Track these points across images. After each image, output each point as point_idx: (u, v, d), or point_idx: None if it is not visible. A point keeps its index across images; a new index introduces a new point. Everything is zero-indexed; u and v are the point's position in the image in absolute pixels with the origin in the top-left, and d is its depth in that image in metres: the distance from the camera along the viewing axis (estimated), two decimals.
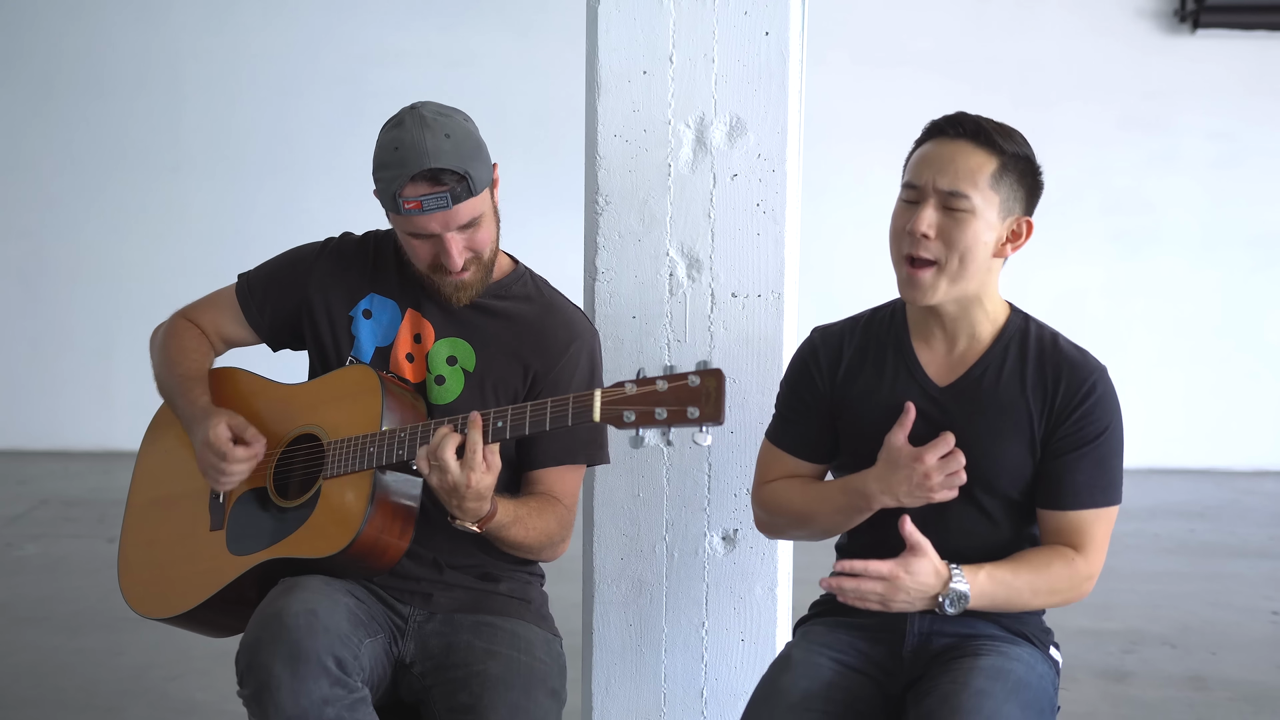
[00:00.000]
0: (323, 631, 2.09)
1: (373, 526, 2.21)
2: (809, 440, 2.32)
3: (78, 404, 7.46)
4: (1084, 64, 7.28)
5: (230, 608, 2.34)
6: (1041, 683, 2.17)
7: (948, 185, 2.11)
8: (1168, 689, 4.07)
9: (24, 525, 5.84)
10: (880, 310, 2.33)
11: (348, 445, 2.24)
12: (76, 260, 7.46)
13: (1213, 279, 7.41)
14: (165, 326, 2.59)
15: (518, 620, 2.38)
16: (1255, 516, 6.44)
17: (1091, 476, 2.17)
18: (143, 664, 4.08)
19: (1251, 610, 4.89)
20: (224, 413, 2.38)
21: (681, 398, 1.99)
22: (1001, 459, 2.18)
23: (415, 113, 2.28)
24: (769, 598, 2.68)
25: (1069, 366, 2.19)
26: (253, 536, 2.31)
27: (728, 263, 2.63)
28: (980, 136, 2.12)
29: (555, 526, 2.35)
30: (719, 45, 2.59)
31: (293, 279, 2.47)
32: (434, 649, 2.32)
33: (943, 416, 2.20)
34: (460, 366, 2.39)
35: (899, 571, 2.07)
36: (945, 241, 2.12)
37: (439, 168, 2.23)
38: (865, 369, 2.27)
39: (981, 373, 2.21)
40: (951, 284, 2.15)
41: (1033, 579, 2.16)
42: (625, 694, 2.72)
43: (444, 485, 2.14)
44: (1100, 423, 2.17)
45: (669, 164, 2.62)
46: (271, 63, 7.39)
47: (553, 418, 2.08)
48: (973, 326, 2.22)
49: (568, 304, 2.47)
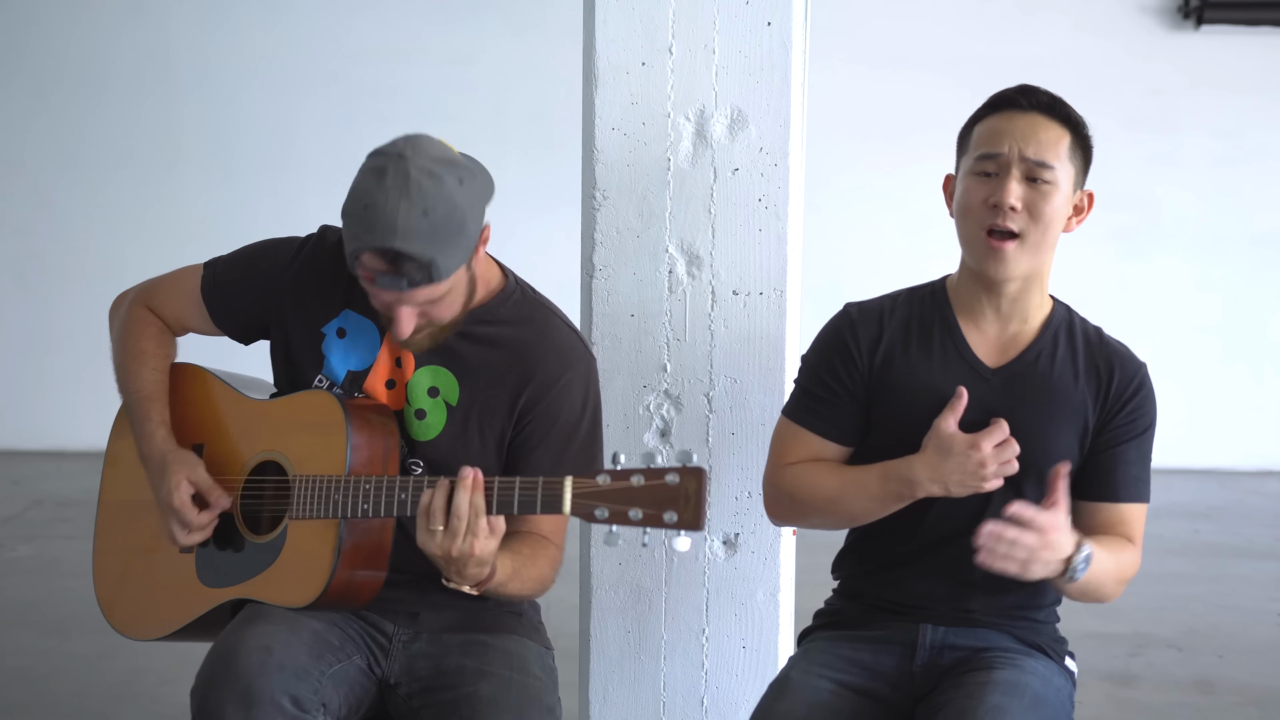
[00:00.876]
0: (276, 669, 2.02)
1: (340, 578, 2.11)
2: (840, 422, 2.23)
3: (73, 403, 7.46)
4: (1086, 61, 7.28)
5: (207, 630, 2.28)
6: (1059, 696, 2.13)
7: (1035, 155, 2.10)
8: (1174, 693, 4.06)
9: (17, 526, 5.84)
10: (919, 290, 2.27)
11: (312, 486, 2.13)
12: (71, 259, 7.48)
13: (1217, 278, 7.44)
14: (126, 313, 2.41)
15: (509, 636, 2.28)
16: (1260, 517, 6.46)
17: (1139, 470, 2.17)
18: (136, 668, 4.05)
19: (1258, 612, 4.89)
20: (184, 464, 2.23)
21: (659, 498, 1.87)
22: (1053, 447, 2.14)
23: (401, 167, 2.03)
24: (771, 603, 2.66)
25: (1119, 359, 2.19)
26: (222, 569, 2.24)
27: (729, 259, 2.61)
28: (1055, 109, 2.13)
29: (549, 572, 2.23)
30: (720, 36, 2.56)
31: (261, 285, 2.30)
32: (421, 670, 2.23)
33: (994, 400, 2.15)
34: (443, 399, 2.24)
35: (1045, 520, 1.98)
36: (1031, 213, 2.11)
37: (401, 251, 2.01)
38: (909, 349, 2.21)
39: (1035, 357, 2.18)
40: (1032, 257, 2.13)
41: (1118, 560, 2.12)
42: (623, 702, 2.69)
43: (444, 555, 2.02)
44: (1148, 417, 2.17)
45: (668, 158, 2.59)
46: (268, 61, 7.41)
47: (521, 501, 1.97)
48: (1026, 309, 2.19)
49: (561, 325, 2.30)
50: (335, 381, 2.27)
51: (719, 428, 2.63)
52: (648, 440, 2.65)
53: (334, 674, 2.13)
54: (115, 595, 2.40)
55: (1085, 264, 7.40)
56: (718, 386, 2.63)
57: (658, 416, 2.64)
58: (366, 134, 8.03)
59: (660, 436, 2.64)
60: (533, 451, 2.24)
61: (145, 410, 2.32)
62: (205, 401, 2.35)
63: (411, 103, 7.18)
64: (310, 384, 2.27)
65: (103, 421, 7.70)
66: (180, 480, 2.21)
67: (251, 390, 2.36)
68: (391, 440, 2.20)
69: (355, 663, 2.20)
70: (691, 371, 2.63)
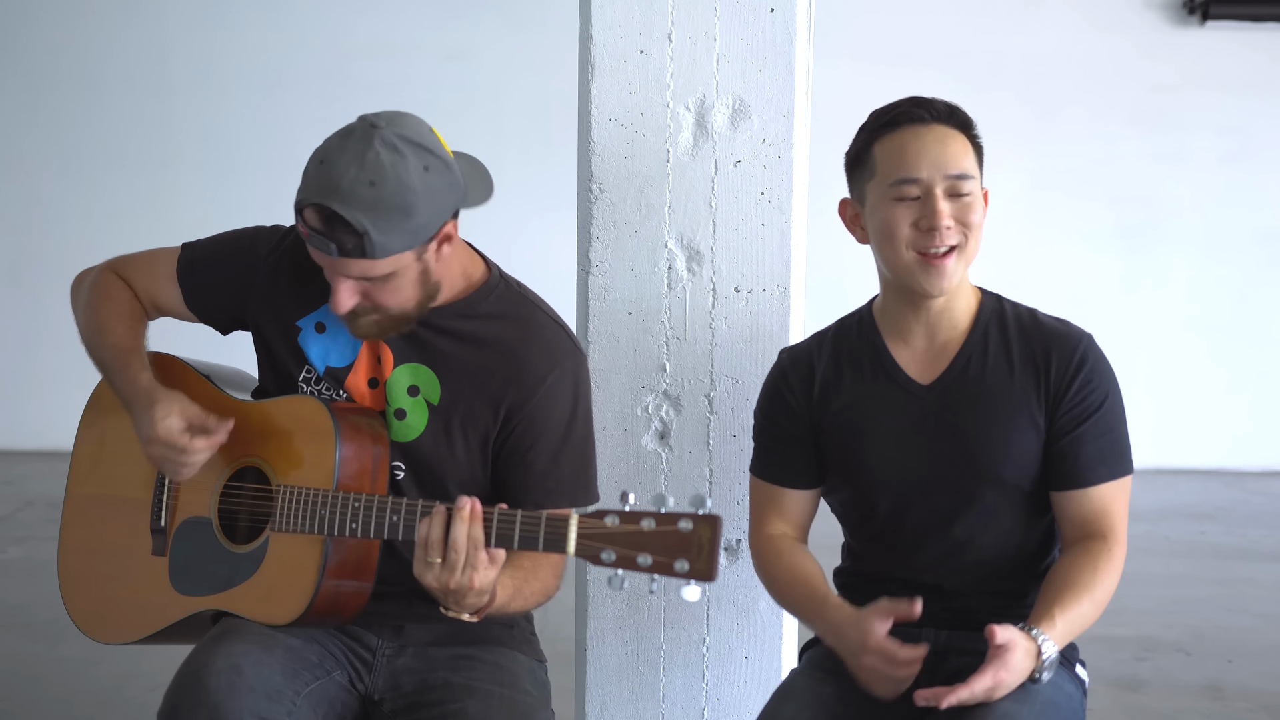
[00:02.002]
0: (247, 691, 1.96)
1: (324, 595, 2.06)
2: (795, 468, 2.27)
3: (67, 403, 7.39)
4: (1091, 57, 7.34)
5: (184, 634, 2.23)
6: (1070, 703, 2.10)
7: (956, 170, 2.11)
8: (1183, 698, 4.05)
9: (8, 527, 5.83)
10: (847, 320, 2.31)
11: (298, 498, 2.06)
12: (67, 258, 7.46)
13: (1223, 275, 7.47)
14: (91, 280, 2.32)
15: (499, 649, 2.22)
16: (1266, 518, 6.48)
17: (1102, 448, 2.13)
18: (123, 673, 4.03)
19: (1267, 616, 4.89)
20: (174, 398, 2.15)
21: (670, 545, 1.80)
22: (1004, 448, 2.13)
23: (370, 134, 2.01)
24: (774, 613, 2.63)
25: (1055, 339, 2.16)
26: (197, 577, 2.18)
27: (730, 255, 2.58)
28: (954, 117, 2.15)
29: (552, 581, 2.17)
30: (721, 23, 2.54)
31: (237, 273, 2.24)
32: (406, 685, 2.16)
33: (931, 416, 2.16)
34: (423, 398, 2.18)
35: (1000, 675, 1.98)
36: (962, 225, 2.12)
37: (337, 213, 1.98)
38: (842, 382, 2.24)
39: (965, 363, 2.17)
40: (966, 266, 2.16)
41: (1092, 595, 2.09)
42: (621, 714, 2.66)
43: (441, 588, 1.95)
44: (1100, 390, 2.13)
45: (668, 149, 2.57)
46: (265, 58, 7.45)
47: (521, 537, 1.89)
48: (954, 315, 2.19)
49: (548, 321, 2.25)
50: (316, 377, 2.21)
51: (720, 430, 2.60)
52: (646, 442, 2.63)
53: (311, 693, 2.07)
54: (81, 596, 2.33)
55: (1089, 262, 7.48)
56: (719, 387, 2.60)
57: (656, 418, 2.62)
58: None
59: (659, 439, 2.62)
60: (525, 457, 2.18)
61: (124, 361, 2.22)
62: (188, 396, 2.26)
63: (409, 99, 7.14)
64: (295, 379, 2.21)
65: None
66: (169, 412, 2.12)
67: (233, 387, 2.29)
68: (381, 449, 2.14)
69: (335, 679, 2.14)
70: (692, 371, 2.60)
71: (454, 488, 2.13)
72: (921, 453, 2.15)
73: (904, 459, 2.16)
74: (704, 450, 2.59)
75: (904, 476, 2.16)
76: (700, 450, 2.59)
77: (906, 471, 2.16)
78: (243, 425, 2.20)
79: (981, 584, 2.17)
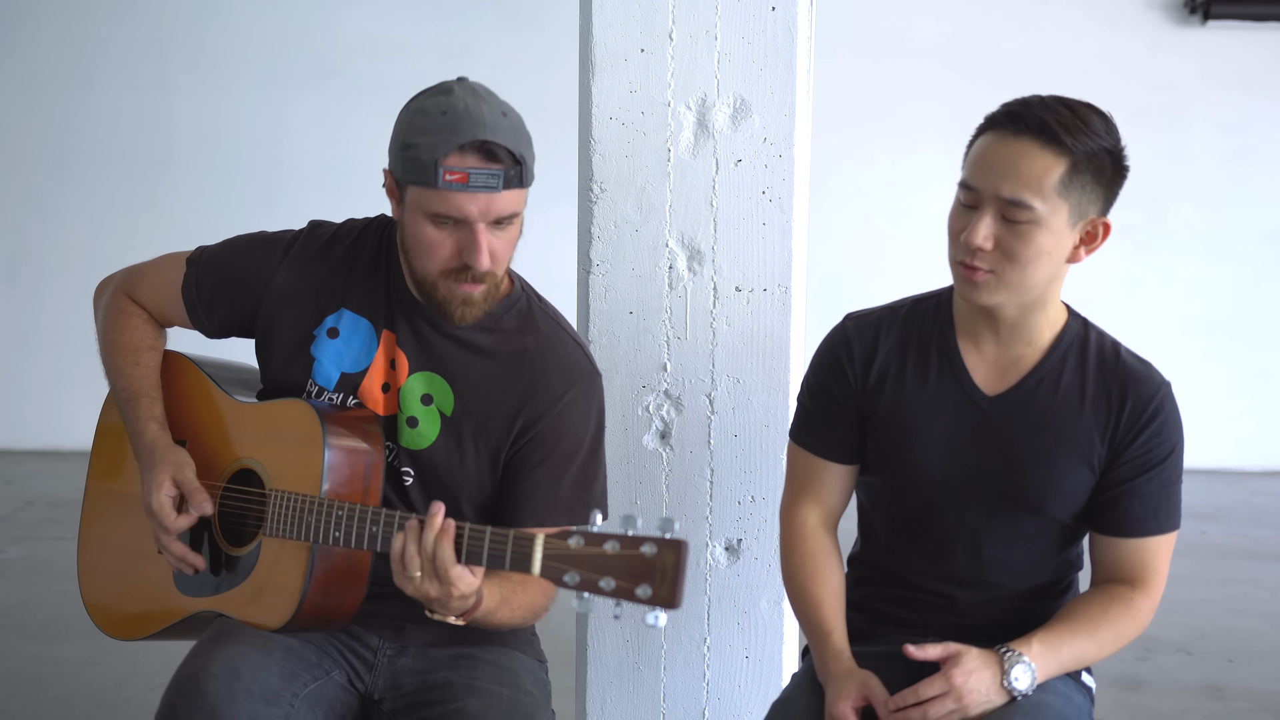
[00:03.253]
0: (243, 694, 1.96)
1: (311, 601, 2.05)
2: (836, 440, 2.18)
3: (65, 402, 7.51)
4: (1093, 56, 7.33)
5: (188, 633, 2.25)
6: (1079, 715, 2.07)
7: (1010, 194, 1.94)
8: (1184, 699, 4.05)
9: (8, 527, 5.83)
10: (923, 301, 2.18)
11: (288, 503, 2.06)
12: (64, 257, 7.50)
13: (1225, 275, 7.46)
14: (110, 302, 2.37)
15: (500, 649, 2.21)
16: (1268, 518, 6.47)
17: (1155, 502, 2.06)
18: (122, 674, 4.04)
19: (1269, 616, 4.89)
20: (170, 462, 2.17)
21: (633, 570, 1.74)
22: (1053, 480, 2.05)
23: (465, 84, 2.09)
24: (775, 612, 2.64)
25: (1135, 382, 2.06)
26: (196, 577, 2.18)
27: (731, 254, 2.58)
28: (1046, 133, 1.95)
29: (540, 599, 2.15)
30: (722, 21, 2.53)
31: (246, 288, 2.23)
32: (407, 685, 2.16)
33: (989, 431, 2.07)
34: (436, 407, 2.17)
35: (956, 677, 1.96)
36: (1004, 253, 1.97)
37: (496, 142, 2.01)
38: (905, 372, 2.13)
39: (1037, 384, 2.07)
40: (1011, 292, 2.01)
41: (1092, 634, 2.05)
42: (622, 714, 2.67)
43: (422, 597, 1.95)
44: (1167, 445, 2.06)
45: (668, 148, 2.57)
46: (262, 55, 7.44)
47: (490, 555, 1.87)
48: (1031, 332, 2.08)
49: (567, 339, 2.23)
50: (327, 386, 2.20)
51: (721, 429, 2.60)
52: (647, 442, 2.63)
53: (309, 694, 2.07)
54: (96, 589, 2.36)
55: (1091, 261, 7.40)
56: (720, 387, 2.60)
57: (657, 418, 2.62)
58: (360, 128, 7.98)
59: (660, 438, 2.63)
60: (531, 472, 2.17)
61: (135, 409, 2.25)
62: (189, 397, 2.29)
63: (407, 97, 7.18)
64: (300, 388, 2.20)
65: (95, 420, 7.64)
66: (164, 480, 2.14)
67: (238, 386, 2.29)
68: (376, 455, 2.12)
69: (334, 679, 2.13)
70: (692, 371, 2.60)
71: (463, 498, 2.13)
72: (969, 464, 2.07)
73: (949, 466, 2.08)
74: (705, 450, 2.60)
75: (945, 483, 2.09)
76: (701, 450, 2.60)
77: (949, 479, 2.09)
78: (242, 426, 2.20)
79: (994, 604, 2.12)
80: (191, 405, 2.27)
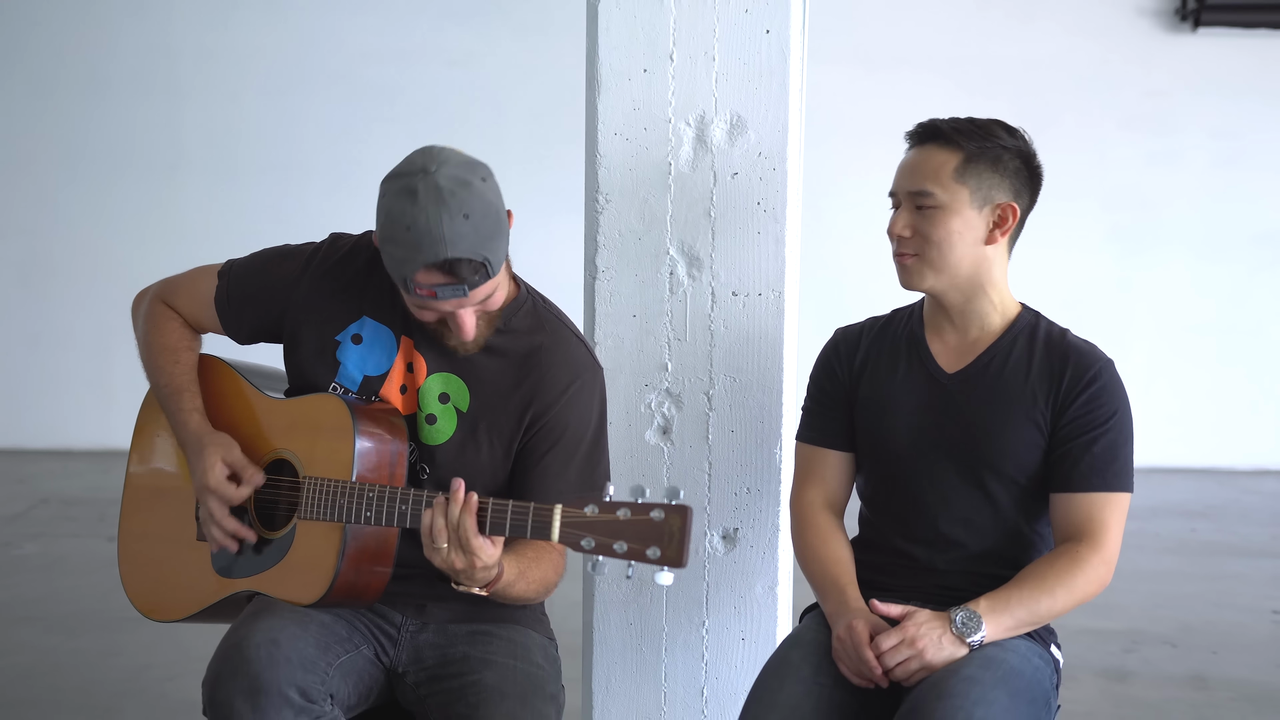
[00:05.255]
0: (284, 662, 2.07)
1: (344, 578, 2.17)
2: (834, 429, 2.41)
3: (77, 402, 7.48)
4: (1085, 63, 7.33)
5: (224, 614, 2.35)
6: (1036, 675, 2.19)
7: (913, 186, 2.27)
8: (1168, 689, 4.09)
9: (23, 524, 5.86)
10: (900, 311, 2.45)
11: (321, 488, 2.18)
12: (75, 259, 7.50)
13: (1214, 277, 7.46)
14: (149, 309, 2.47)
15: (513, 626, 2.33)
16: (1257, 516, 6.47)
17: (1101, 460, 2.23)
18: (140, 664, 4.09)
19: (1253, 610, 4.91)
20: (219, 445, 2.28)
21: (643, 534, 1.92)
22: (1005, 443, 2.26)
23: (430, 181, 2.08)
24: (769, 596, 2.69)
25: (1076, 354, 2.28)
26: (235, 560, 2.29)
27: (728, 261, 2.63)
28: (939, 137, 2.27)
29: (552, 575, 2.27)
30: (720, 43, 2.58)
31: (273, 297, 2.34)
32: (429, 659, 2.28)
33: (950, 402, 2.30)
34: (453, 405, 2.29)
35: (907, 628, 2.14)
36: (922, 236, 2.27)
37: (456, 258, 2.08)
38: (880, 360, 2.39)
39: (989, 360, 2.31)
40: (937, 271, 2.28)
41: (1049, 591, 2.20)
42: (626, 693, 2.72)
43: (449, 568, 2.07)
44: (1107, 408, 2.24)
45: (669, 162, 2.61)
46: (270, 61, 7.42)
47: (512, 525, 2.02)
48: (981, 317, 2.33)
49: (570, 336, 2.35)
50: (351, 387, 2.30)
51: (719, 425, 2.65)
52: (649, 437, 2.67)
53: (342, 665, 2.18)
54: (137, 577, 2.45)
55: (1083, 264, 7.39)
56: (717, 385, 2.65)
57: (659, 414, 2.66)
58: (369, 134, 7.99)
59: (662, 434, 2.67)
60: (541, 459, 2.29)
61: (178, 402, 2.36)
62: (224, 396, 2.40)
63: (413, 103, 7.18)
64: (325, 389, 2.31)
65: (107, 420, 7.76)
66: (215, 460, 2.25)
67: (270, 385, 2.40)
68: (400, 444, 2.24)
69: (363, 653, 2.24)
70: (692, 370, 2.65)
71: (478, 488, 2.20)
72: (934, 430, 2.30)
73: (917, 434, 2.31)
74: (704, 444, 2.65)
75: (914, 450, 2.31)
76: (700, 444, 2.64)
77: (918, 445, 2.30)
78: (276, 421, 2.32)
79: (971, 565, 2.28)
80: (227, 403, 2.38)
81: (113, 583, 2.52)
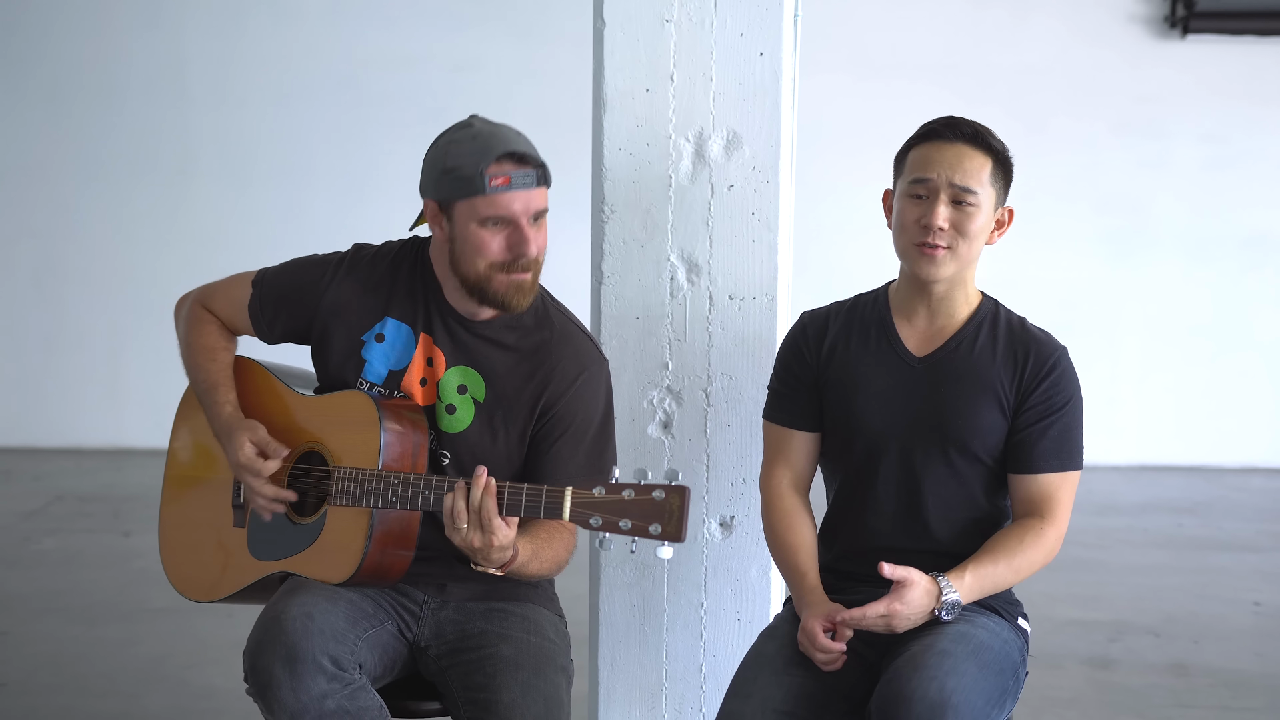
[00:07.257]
0: (317, 633, 2.22)
1: (372, 559, 2.31)
2: (801, 410, 2.46)
3: (90, 402, 7.46)
4: (1076, 70, 7.29)
5: (258, 594, 2.49)
6: (1005, 647, 2.32)
7: (961, 182, 2.33)
8: (1150, 676, 4.15)
9: (40, 520, 5.90)
10: (864, 296, 2.51)
11: (350, 477, 2.32)
12: (87, 261, 7.46)
13: (1204, 280, 7.41)
14: (189, 312, 2.61)
15: (527, 603, 2.46)
16: (1243, 512, 6.47)
17: (1057, 443, 2.37)
18: (159, 653, 4.17)
19: (1235, 602, 4.94)
20: (246, 427, 2.42)
21: (646, 512, 2.08)
22: (974, 422, 2.37)
23: (478, 117, 2.37)
24: (763, 580, 2.77)
25: (1036, 344, 2.40)
26: (270, 544, 2.43)
27: (725, 267, 2.71)
28: (978, 139, 2.35)
29: (563, 554, 2.40)
30: (717, 65, 2.67)
31: (303, 302, 2.48)
32: (449, 634, 2.41)
33: (920, 385, 2.39)
34: (471, 396, 2.42)
35: (895, 606, 2.25)
36: (957, 230, 2.34)
37: (525, 152, 2.30)
38: (849, 342, 2.45)
39: (957, 345, 2.40)
40: (961, 265, 2.37)
41: (1010, 560, 2.33)
42: (629, 669, 2.80)
43: (468, 547, 2.21)
44: (1064, 394, 2.37)
45: (670, 175, 2.70)
46: (279, 69, 7.38)
47: (527, 506, 2.17)
48: (953, 306, 2.42)
49: (578, 331, 2.48)
50: (376, 381, 2.44)
51: (716, 420, 2.74)
52: (651, 431, 2.75)
53: (369, 638, 2.32)
54: (178, 562, 2.59)
55: (1076, 266, 7.31)
56: (715, 383, 2.74)
57: (660, 410, 2.75)
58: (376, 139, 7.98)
59: (663, 428, 2.75)
60: (553, 445, 2.43)
61: (214, 396, 2.51)
62: (258, 393, 2.54)
63: (419, 108, 7.15)
64: (352, 385, 2.46)
65: (119, 420, 7.85)
66: (243, 440, 2.41)
67: (300, 384, 2.55)
68: (421, 436, 2.39)
69: (388, 628, 2.39)
70: (691, 369, 2.73)
71: (494, 473, 2.33)
72: (905, 411, 2.38)
73: (888, 414, 2.38)
74: (702, 438, 2.74)
75: (885, 429, 2.38)
76: (699, 438, 2.74)
77: (888, 426, 2.38)
78: (307, 416, 2.47)
79: (935, 543, 2.39)
80: (261, 400, 2.53)
81: (130, 576, 2.62)
